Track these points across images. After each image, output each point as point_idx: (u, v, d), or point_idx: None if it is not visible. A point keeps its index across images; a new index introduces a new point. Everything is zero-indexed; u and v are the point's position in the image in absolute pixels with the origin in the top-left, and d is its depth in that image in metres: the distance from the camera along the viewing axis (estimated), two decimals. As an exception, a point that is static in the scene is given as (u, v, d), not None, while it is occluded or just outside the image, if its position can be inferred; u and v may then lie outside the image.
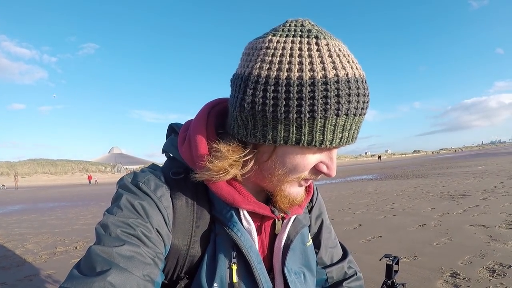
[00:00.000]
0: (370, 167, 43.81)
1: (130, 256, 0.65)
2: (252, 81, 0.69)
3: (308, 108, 0.65)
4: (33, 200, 19.87)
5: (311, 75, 0.65)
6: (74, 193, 26.13)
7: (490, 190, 9.99)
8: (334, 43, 0.70)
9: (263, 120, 0.69)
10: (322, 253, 1.05)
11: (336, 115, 0.66)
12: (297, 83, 0.65)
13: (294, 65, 0.66)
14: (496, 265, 3.79)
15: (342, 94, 0.66)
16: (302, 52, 0.67)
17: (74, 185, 46.36)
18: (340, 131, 0.69)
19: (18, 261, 5.44)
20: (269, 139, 0.70)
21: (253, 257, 0.79)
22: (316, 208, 1.08)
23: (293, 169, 0.74)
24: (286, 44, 0.69)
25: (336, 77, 0.66)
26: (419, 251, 4.58)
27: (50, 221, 10.04)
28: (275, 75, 0.67)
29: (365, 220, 7.17)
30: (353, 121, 0.70)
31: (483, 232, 5.31)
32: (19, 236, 7.67)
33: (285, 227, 0.89)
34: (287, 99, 0.66)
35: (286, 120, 0.67)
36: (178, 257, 0.79)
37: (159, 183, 0.80)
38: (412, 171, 25.43)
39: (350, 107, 0.67)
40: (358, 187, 15.30)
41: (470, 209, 7.28)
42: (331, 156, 0.76)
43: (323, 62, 0.66)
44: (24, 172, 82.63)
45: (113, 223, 0.70)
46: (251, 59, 0.72)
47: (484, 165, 23.06)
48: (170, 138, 0.93)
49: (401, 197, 10.24)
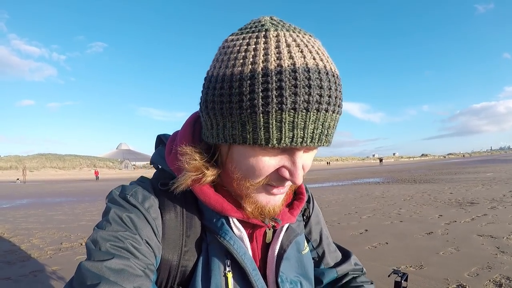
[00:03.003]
0: (377, 170, 43.58)
1: (120, 269, 0.65)
2: (207, 80, 0.70)
3: (248, 102, 0.62)
4: (40, 195, 20.06)
5: (252, 68, 0.62)
6: (81, 188, 26.32)
7: (499, 198, 9.90)
8: (289, 34, 0.66)
9: (216, 118, 0.68)
10: (328, 259, 1.04)
11: (280, 109, 0.60)
12: (238, 78, 0.63)
13: (238, 60, 0.64)
14: (503, 279, 3.74)
15: (285, 86, 0.60)
16: (248, 46, 0.65)
17: (82, 180, 46.65)
18: (289, 128, 0.62)
19: (23, 256, 5.49)
20: (221, 138, 0.69)
21: (247, 263, 0.78)
22: (315, 215, 1.07)
23: (249, 172, 0.71)
24: (237, 41, 0.68)
25: (279, 68, 0.61)
26: (425, 260, 4.54)
27: (57, 216, 10.12)
28: (222, 72, 0.66)
29: (372, 225, 7.14)
30: (307, 118, 0.62)
31: (491, 243, 5.25)
32: (26, 230, 7.75)
33: (278, 236, 0.87)
34: (230, 95, 0.64)
35: (231, 116, 0.65)
36: (169, 268, 0.77)
37: (147, 195, 0.79)
38: (420, 175, 25.27)
39: (298, 101, 0.60)
40: (365, 190, 15.26)
41: (478, 218, 7.22)
42: (294, 160, 0.69)
43: (267, 54, 0.63)
44: (33, 166, 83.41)
45: (102, 237, 0.70)
46: (213, 60, 0.72)
47: (493, 172, 22.90)
48: (158, 149, 0.93)
49: (408, 203, 10.18)
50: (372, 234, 6.33)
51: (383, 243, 5.63)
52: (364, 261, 4.59)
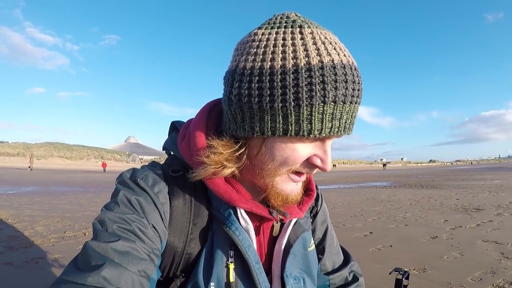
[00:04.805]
0: (385, 174, 43.57)
1: (125, 252, 0.65)
2: (238, 73, 0.70)
3: (292, 96, 0.64)
4: (46, 183, 20.18)
5: (294, 62, 0.65)
6: (87, 179, 26.49)
7: (505, 205, 9.85)
8: (320, 32, 0.70)
9: (250, 111, 0.69)
10: (326, 260, 1.03)
11: (322, 102, 0.64)
12: (280, 72, 0.65)
13: (277, 54, 0.66)
14: (506, 284, 3.73)
15: (327, 81, 0.64)
16: (285, 41, 0.67)
17: (89, 171, 47.01)
18: (329, 119, 0.66)
19: (26, 242, 5.51)
20: (257, 131, 0.70)
21: (251, 256, 0.78)
22: (322, 213, 1.06)
23: (284, 162, 0.72)
24: (271, 35, 0.69)
25: (320, 63, 0.65)
26: (429, 264, 4.51)
27: (62, 205, 10.16)
28: (259, 65, 0.67)
29: (377, 228, 7.11)
30: (343, 109, 0.67)
31: (495, 248, 5.23)
32: (30, 217, 7.78)
33: (285, 230, 0.87)
34: (271, 88, 0.65)
35: (271, 109, 0.66)
36: (174, 254, 0.78)
37: (157, 179, 0.80)
38: (427, 180, 25.21)
39: (338, 94, 0.65)
40: (371, 193, 15.23)
41: (483, 224, 7.19)
42: (325, 148, 0.73)
43: (306, 50, 0.66)
44: (40, 155, 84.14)
45: (109, 218, 0.70)
46: (238, 54, 0.73)
47: (500, 180, 22.79)
48: (171, 136, 0.93)
49: (414, 207, 10.14)
50: (376, 236, 6.30)
51: (387, 245, 5.60)
52: (367, 263, 4.58)
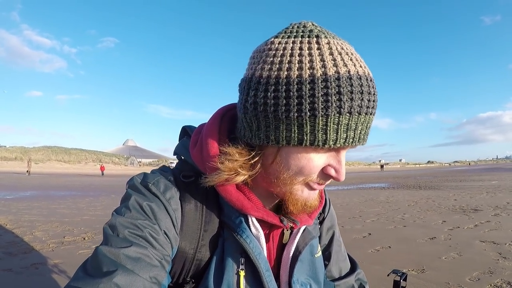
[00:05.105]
0: (383, 175, 43.57)
1: (137, 258, 0.65)
2: (254, 82, 0.70)
3: (308, 106, 0.64)
4: (44, 187, 20.08)
5: (311, 72, 0.65)
6: (86, 183, 26.36)
7: (502, 206, 9.89)
8: (336, 42, 0.70)
9: (266, 120, 0.69)
10: (332, 266, 1.03)
11: (338, 113, 0.64)
12: (296, 81, 0.65)
13: (294, 64, 0.66)
14: (504, 284, 3.76)
15: (344, 92, 0.64)
16: (302, 51, 0.67)
17: (87, 175, 46.78)
18: (344, 130, 0.67)
19: (25, 248, 5.49)
20: (272, 139, 0.70)
21: (261, 264, 0.78)
22: (328, 220, 1.06)
23: (299, 172, 0.72)
24: (287, 44, 0.69)
25: (337, 74, 0.65)
26: (427, 265, 4.53)
27: (60, 209, 10.12)
28: (275, 74, 0.67)
29: (375, 229, 7.13)
30: (358, 120, 0.67)
31: (493, 248, 5.26)
32: (29, 223, 7.76)
33: (294, 237, 0.87)
34: (287, 98, 0.65)
35: (287, 119, 0.66)
36: (184, 260, 0.78)
37: (169, 185, 0.79)
38: (425, 182, 25.24)
39: (354, 105, 0.65)
40: (370, 195, 15.24)
41: (481, 225, 7.21)
42: (339, 158, 0.73)
43: (323, 60, 0.66)
44: (38, 159, 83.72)
45: (121, 223, 0.70)
46: (254, 62, 0.73)
47: (498, 180, 22.84)
48: (182, 141, 0.93)
49: (412, 208, 10.16)
50: (375, 238, 6.32)
51: (386, 246, 5.62)
52: (366, 264, 4.59)
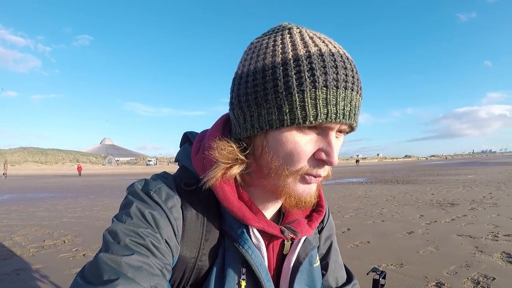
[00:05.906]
0: (361, 170, 43.87)
1: (138, 267, 0.64)
2: (237, 79, 0.76)
3: (283, 85, 0.67)
4: (22, 190, 19.64)
5: (283, 56, 0.69)
6: (64, 184, 25.87)
7: (479, 200, 10.11)
8: (309, 31, 0.74)
9: (250, 110, 0.73)
10: (329, 276, 1.02)
11: (314, 87, 0.66)
12: (271, 66, 0.69)
13: (268, 54, 0.71)
14: (481, 277, 3.85)
15: (316, 67, 0.66)
16: (276, 42, 0.73)
17: (64, 175, 45.90)
18: (323, 105, 0.67)
19: (5, 254, 5.40)
20: (256, 127, 0.72)
21: (262, 274, 0.78)
22: (327, 229, 1.06)
23: (289, 158, 0.72)
24: (263, 41, 0.75)
25: (307, 53, 0.68)
26: (405, 259, 4.63)
27: (39, 212, 9.95)
28: (253, 67, 0.72)
29: (354, 224, 7.22)
30: (337, 95, 0.67)
31: (470, 242, 5.38)
32: (7, 227, 7.61)
33: (295, 248, 0.87)
34: (264, 83, 0.69)
35: (267, 103, 0.69)
36: (185, 268, 0.77)
37: (171, 194, 0.78)
38: (403, 176, 25.62)
39: (329, 79, 0.66)
40: (348, 190, 15.36)
41: (458, 219, 7.38)
42: (329, 140, 0.72)
43: (294, 44, 0.70)
44: (14, 161, 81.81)
45: (122, 231, 0.69)
46: (239, 64, 0.78)
47: (474, 175, 23.31)
48: (183, 147, 0.93)
49: (390, 203, 10.32)
50: (354, 233, 6.40)
51: (365, 242, 5.70)
52: (346, 259, 4.58)
